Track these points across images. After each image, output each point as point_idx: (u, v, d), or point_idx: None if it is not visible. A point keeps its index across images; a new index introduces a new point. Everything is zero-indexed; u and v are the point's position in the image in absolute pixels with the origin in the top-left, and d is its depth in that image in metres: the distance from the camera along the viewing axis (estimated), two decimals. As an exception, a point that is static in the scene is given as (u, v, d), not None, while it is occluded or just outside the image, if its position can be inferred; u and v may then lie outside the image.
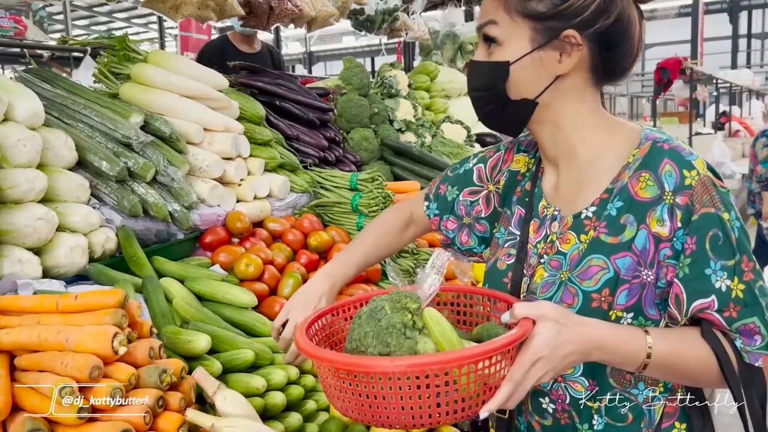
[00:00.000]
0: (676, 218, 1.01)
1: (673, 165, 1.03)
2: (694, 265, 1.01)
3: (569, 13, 1.02)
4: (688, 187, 1.01)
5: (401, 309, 0.99)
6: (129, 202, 1.69)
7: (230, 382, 1.41)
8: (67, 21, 11.47)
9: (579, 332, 0.95)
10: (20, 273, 1.45)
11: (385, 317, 0.98)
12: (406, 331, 0.96)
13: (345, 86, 2.76)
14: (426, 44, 3.79)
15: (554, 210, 1.16)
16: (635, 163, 1.07)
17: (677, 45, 16.45)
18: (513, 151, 1.29)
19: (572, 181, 1.14)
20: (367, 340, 0.98)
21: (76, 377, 1.12)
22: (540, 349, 0.92)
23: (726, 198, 1.02)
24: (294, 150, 2.36)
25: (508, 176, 1.27)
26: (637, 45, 1.09)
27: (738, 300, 1.00)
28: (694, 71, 8.30)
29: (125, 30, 14.39)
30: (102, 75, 2.07)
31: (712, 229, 1.00)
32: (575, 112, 1.11)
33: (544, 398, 1.15)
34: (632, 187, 1.05)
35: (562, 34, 1.03)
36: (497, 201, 1.29)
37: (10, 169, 1.50)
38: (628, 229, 1.04)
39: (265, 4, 2.43)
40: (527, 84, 1.07)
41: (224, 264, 1.84)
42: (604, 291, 1.04)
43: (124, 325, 1.24)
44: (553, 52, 1.05)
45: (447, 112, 3.29)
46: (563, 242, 1.11)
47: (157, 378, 1.21)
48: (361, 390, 0.91)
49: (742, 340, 1.01)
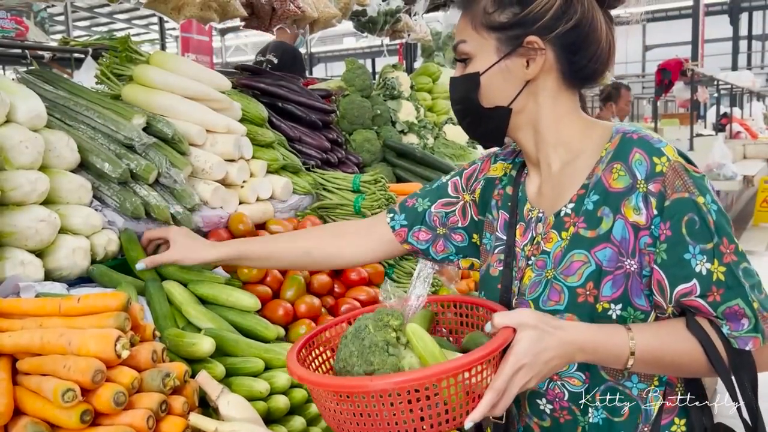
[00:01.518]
0: (651, 206, 1.03)
1: (643, 153, 1.06)
2: (671, 250, 1.02)
3: (529, 20, 1.08)
4: (659, 174, 1.03)
5: (384, 327, 1.01)
6: (131, 204, 1.68)
7: (233, 385, 1.40)
8: (68, 22, 11.49)
9: (559, 337, 0.97)
10: (22, 275, 1.43)
11: (369, 336, 1.01)
12: (389, 348, 0.99)
13: (347, 88, 2.75)
14: (428, 45, 3.79)
15: (538, 212, 1.18)
16: (607, 156, 1.10)
17: (677, 46, 16.45)
18: (490, 162, 1.34)
19: (553, 182, 1.17)
20: (353, 360, 1.01)
21: (78, 381, 1.12)
22: (521, 357, 0.94)
23: (700, 182, 1.03)
24: (296, 151, 2.36)
25: (484, 183, 1.31)
26: (606, 48, 1.12)
27: (720, 283, 1.01)
28: (695, 73, 8.29)
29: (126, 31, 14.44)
30: (104, 76, 2.06)
31: (687, 213, 1.01)
32: (551, 115, 1.14)
33: (540, 399, 1.16)
34: (606, 179, 1.08)
35: (524, 40, 1.09)
36: (474, 210, 1.32)
37: (12, 171, 1.49)
38: (604, 221, 1.07)
39: (268, 5, 2.43)
40: (498, 92, 1.13)
41: (227, 267, 1.82)
42: (588, 285, 1.06)
43: (126, 329, 1.23)
44: (519, 59, 1.11)
45: (449, 113, 3.29)
46: (547, 241, 1.14)
47: (160, 382, 1.20)
48: (347, 408, 0.95)
49: (728, 326, 1.02)
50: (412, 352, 1.01)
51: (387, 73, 3.07)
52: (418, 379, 0.90)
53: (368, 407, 0.92)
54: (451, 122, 3.12)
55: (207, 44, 5.19)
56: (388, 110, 2.84)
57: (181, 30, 4.82)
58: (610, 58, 1.14)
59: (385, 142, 2.70)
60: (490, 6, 1.10)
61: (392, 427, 0.93)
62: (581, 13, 1.08)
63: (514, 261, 1.19)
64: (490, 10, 1.10)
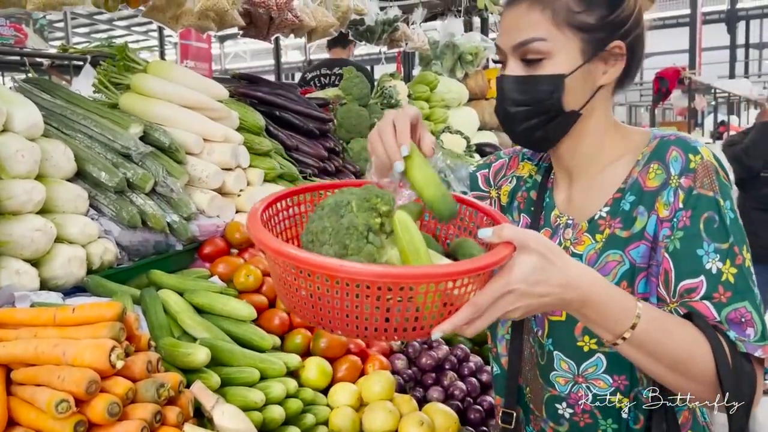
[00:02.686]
0: (678, 199, 1.02)
1: (680, 150, 1.05)
2: (685, 241, 1.00)
3: (616, 24, 1.05)
4: (691, 170, 1.02)
5: (369, 209, 0.86)
6: (128, 213, 1.68)
7: (228, 395, 1.40)
8: (68, 29, 11.50)
9: (566, 274, 0.85)
10: (17, 285, 1.43)
11: (349, 215, 0.86)
12: (369, 235, 0.85)
13: (345, 96, 2.76)
14: (426, 54, 3.80)
15: (568, 219, 1.16)
16: (644, 158, 1.09)
17: (675, 55, 16.50)
18: (518, 159, 1.30)
19: (587, 189, 1.15)
20: (324, 236, 0.87)
21: (72, 391, 1.11)
22: (516, 281, 0.82)
23: (725, 188, 1.03)
24: (294, 160, 2.36)
25: (515, 182, 1.27)
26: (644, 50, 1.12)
27: (728, 284, 0.97)
28: (692, 81, 8.32)
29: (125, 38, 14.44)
30: (102, 85, 2.07)
31: (708, 211, 1.00)
32: (600, 121, 1.13)
33: (560, 404, 1.13)
34: (642, 180, 1.07)
35: (609, 45, 1.05)
36: (498, 208, 1.29)
37: (8, 180, 1.49)
38: (639, 220, 1.05)
39: (266, 14, 2.43)
40: (576, 96, 1.07)
41: (223, 275, 1.82)
42: (622, 284, 1.05)
43: (121, 339, 1.23)
44: (599, 64, 1.07)
45: (446, 122, 3.29)
46: (578, 244, 1.11)
47: (154, 392, 1.20)
48: (305, 288, 0.82)
49: (734, 332, 0.96)
50: (393, 245, 0.87)
51: (385, 81, 3.07)
52: (394, 275, 0.77)
53: (329, 292, 0.80)
54: (448, 131, 3.13)
55: (206, 51, 5.20)
56: (386, 119, 2.84)
57: (180, 37, 4.83)
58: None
59: (382, 151, 2.69)
60: (576, 5, 1.03)
61: (351, 319, 0.81)
62: (642, 20, 1.08)
63: None
64: (577, 9, 1.03)
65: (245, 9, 2.39)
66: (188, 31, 4.97)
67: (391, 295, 0.79)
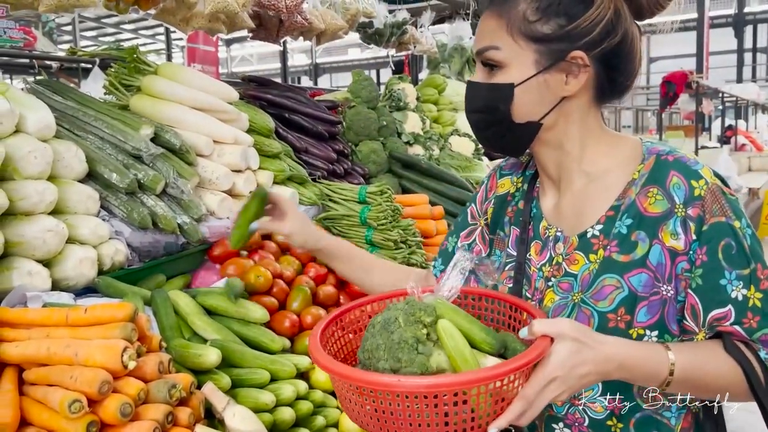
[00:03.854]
0: (690, 231, 1.00)
1: (681, 177, 1.02)
2: (707, 275, 0.99)
3: (576, 35, 1.01)
4: (698, 198, 1.00)
5: (415, 322, 0.96)
6: (139, 215, 1.68)
7: (239, 396, 1.40)
8: (75, 32, 11.57)
9: (599, 351, 0.92)
10: (29, 285, 1.44)
11: (398, 330, 0.95)
12: (419, 347, 0.94)
13: (353, 99, 2.76)
14: (434, 57, 3.80)
15: (556, 231, 1.13)
16: (641, 179, 1.05)
17: (682, 59, 16.46)
18: (495, 178, 1.28)
19: (575, 200, 1.12)
20: (379, 353, 0.96)
21: (85, 392, 1.11)
22: (556, 369, 0.89)
23: (735, 205, 1.01)
24: (303, 162, 2.36)
25: (495, 202, 1.26)
26: (639, 62, 1.07)
27: (756, 309, 0.98)
28: (700, 85, 8.30)
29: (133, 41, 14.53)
30: (112, 87, 2.07)
31: (725, 238, 0.98)
32: (579, 132, 1.09)
33: (557, 423, 1.12)
34: (641, 203, 1.04)
35: (568, 55, 1.02)
36: (488, 231, 1.27)
37: (20, 181, 1.50)
38: (640, 246, 1.02)
39: (275, 17, 2.44)
40: (532, 106, 1.05)
41: (233, 277, 1.82)
42: (620, 310, 1.02)
43: (133, 339, 1.23)
44: (558, 74, 1.04)
45: (455, 125, 3.29)
46: (571, 263, 1.09)
47: (166, 393, 1.20)
48: (370, 404, 0.91)
49: (766, 351, 0.99)
50: (440, 350, 0.96)
51: (393, 84, 3.08)
52: (448, 384, 0.86)
53: (392, 405, 0.89)
54: (456, 134, 3.13)
55: (213, 54, 5.22)
56: (394, 121, 2.85)
57: (187, 40, 4.85)
58: (638, 74, 1.09)
59: (391, 154, 2.70)
60: (532, 14, 1.01)
61: (414, 428, 0.89)
62: (625, 29, 1.03)
63: (525, 279, 1.15)
64: (531, 19, 1.01)
65: (254, 11, 2.40)
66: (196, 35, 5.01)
67: (447, 400, 0.87)
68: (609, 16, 1.00)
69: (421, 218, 2.40)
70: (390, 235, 2.14)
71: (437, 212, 2.48)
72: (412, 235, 2.23)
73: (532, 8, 1.01)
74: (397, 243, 2.15)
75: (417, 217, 2.38)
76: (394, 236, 2.14)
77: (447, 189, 2.64)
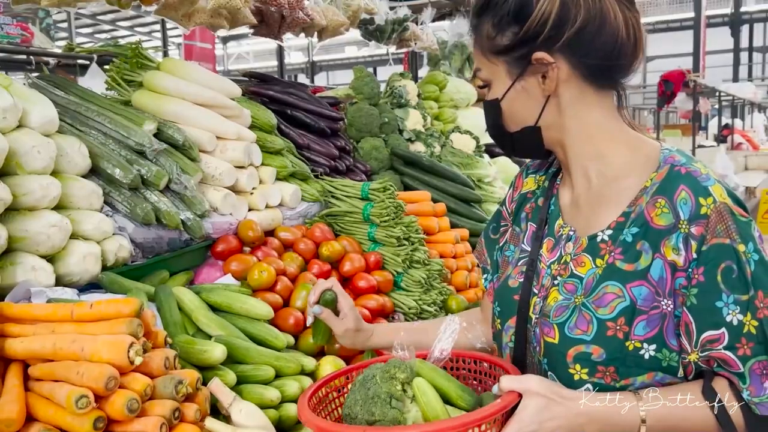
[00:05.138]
0: (690, 249, 0.98)
1: (689, 192, 1.00)
2: (702, 296, 0.98)
3: (530, 37, 1.03)
4: (703, 216, 0.98)
5: (389, 379, 1.03)
6: (142, 210, 1.67)
7: (244, 393, 1.39)
8: (71, 29, 11.51)
9: (568, 407, 0.97)
10: (33, 280, 1.43)
11: (374, 386, 1.03)
12: (392, 401, 1.01)
13: (355, 96, 2.75)
14: (434, 54, 3.79)
15: (570, 230, 1.14)
16: (652, 187, 1.04)
17: (678, 58, 16.49)
18: (522, 177, 1.31)
19: (591, 198, 1.12)
20: (356, 408, 1.03)
21: (91, 387, 1.10)
22: (525, 424, 0.95)
23: (744, 228, 0.98)
24: (305, 159, 2.35)
25: (518, 199, 1.28)
26: (626, 37, 1.03)
27: (750, 336, 0.97)
28: (697, 84, 8.30)
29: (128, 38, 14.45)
30: (114, 82, 2.06)
31: (725, 261, 0.97)
32: (583, 125, 1.09)
33: None
34: (648, 213, 1.03)
35: (532, 58, 1.05)
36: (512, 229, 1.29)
37: (24, 176, 1.49)
38: (643, 257, 1.02)
39: (277, 13, 2.43)
40: (522, 113, 1.10)
41: (236, 273, 1.82)
42: (619, 320, 1.02)
43: (139, 335, 1.22)
44: (533, 78, 1.07)
45: (456, 122, 3.29)
46: (578, 265, 1.09)
47: (172, 389, 1.19)
48: None
49: (749, 391, 0.97)
50: (417, 406, 1.03)
51: (394, 81, 3.07)
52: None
53: None
54: (457, 131, 3.12)
55: (210, 52, 5.20)
56: (396, 118, 2.84)
57: (184, 38, 4.84)
58: (637, 47, 1.05)
59: (392, 151, 2.69)
60: (491, 31, 1.07)
61: None
62: (586, 11, 1.00)
63: (535, 275, 1.15)
64: (492, 35, 1.07)
65: (256, 7, 2.39)
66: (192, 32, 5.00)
67: None
68: (555, 11, 1.01)
69: (423, 215, 2.40)
70: (393, 231, 2.14)
71: (439, 209, 2.48)
72: (414, 232, 2.22)
73: (490, 26, 1.07)
74: (400, 240, 2.14)
75: (419, 214, 2.38)
76: (397, 233, 2.14)
77: (449, 186, 2.64)
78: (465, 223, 2.57)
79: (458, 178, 2.67)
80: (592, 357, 1.03)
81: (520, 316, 1.15)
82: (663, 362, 1.02)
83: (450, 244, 2.38)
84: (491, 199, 2.78)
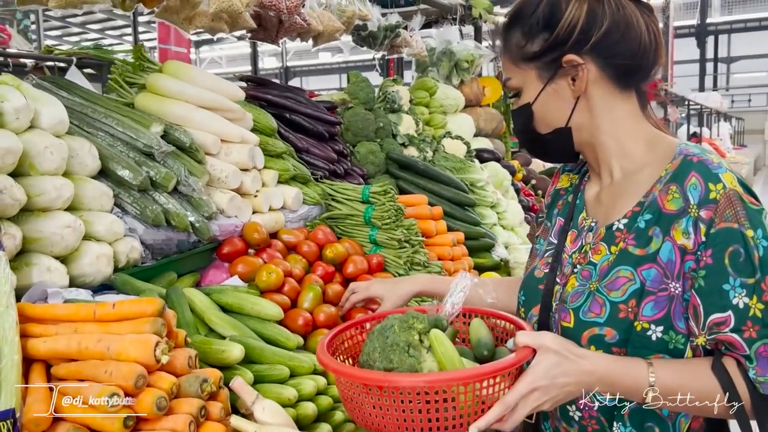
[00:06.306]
0: (699, 232, 1.03)
1: (699, 178, 1.05)
2: (709, 278, 1.02)
3: (560, 41, 1.10)
4: (712, 201, 1.03)
5: (408, 328, 1.06)
6: (152, 212, 1.68)
7: (261, 392, 1.40)
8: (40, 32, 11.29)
9: (579, 364, 1.00)
10: (48, 281, 1.42)
11: (393, 335, 1.06)
12: (410, 350, 1.04)
13: (351, 100, 2.78)
14: (422, 61, 3.84)
15: (591, 221, 1.20)
16: (666, 176, 1.10)
17: (647, 67, 16.82)
18: (559, 174, 1.38)
19: (613, 191, 1.18)
20: (375, 355, 1.06)
21: (120, 386, 1.11)
22: (537, 379, 0.97)
23: (755, 215, 1.02)
24: (304, 162, 2.37)
25: (553, 194, 1.35)
26: (648, 40, 1.11)
27: (756, 319, 1.00)
28: (667, 93, 8.53)
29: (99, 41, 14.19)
30: (116, 84, 2.05)
31: (733, 244, 1.01)
32: (609, 122, 1.15)
33: (570, 406, 1.17)
34: (661, 200, 1.08)
35: (562, 61, 1.11)
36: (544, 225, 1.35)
37: (37, 177, 1.48)
38: (654, 241, 1.07)
39: (275, 17, 2.45)
40: (553, 115, 1.16)
41: (243, 275, 1.83)
42: (630, 302, 1.06)
43: (163, 334, 1.23)
44: (563, 80, 1.13)
45: (446, 127, 3.34)
46: (595, 253, 1.15)
47: (197, 387, 1.20)
48: (365, 400, 1.01)
49: (756, 370, 1.01)
50: (432, 356, 1.06)
51: (388, 86, 3.11)
52: (429, 381, 0.95)
53: (380, 401, 0.98)
54: (449, 136, 3.17)
55: (185, 56, 5.17)
56: (390, 123, 2.88)
57: (159, 41, 4.81)
58: (658, 49, 1.13)
59: (388, 155, 2.72)
60: (522, 39, 1.14)
61: (400, 423, 0.99)
62: (611, 15, 1.08)
63: (559, 266, 1.21)
64: (522, 44, 1.14)
65: (255, 11, 2.40)
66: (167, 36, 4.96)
67: (430, 398, 0.96)
68: (583, 16, 1.08)
69: (421, 218, 2.43)
70: (394, 234, 2.17)
71: (436, 212, 2.52)
72: (414, 235, 2.25)
73: (520, 35, 1.15)
74: (401, 242, 2.17)
75: (417, 217, 2.41)
76: (398, 235, 2.16)
77: (443, 190, 2.68)
78: (460, 226, 2.61)
79: (452, 182, 2.72)
80: (605, 339, 1.08)
81: (543, 304, 1.20)
82: (669, 344, 1.06)
83: (447, 247, 2.42)
84: (484, 203, 2.83)
